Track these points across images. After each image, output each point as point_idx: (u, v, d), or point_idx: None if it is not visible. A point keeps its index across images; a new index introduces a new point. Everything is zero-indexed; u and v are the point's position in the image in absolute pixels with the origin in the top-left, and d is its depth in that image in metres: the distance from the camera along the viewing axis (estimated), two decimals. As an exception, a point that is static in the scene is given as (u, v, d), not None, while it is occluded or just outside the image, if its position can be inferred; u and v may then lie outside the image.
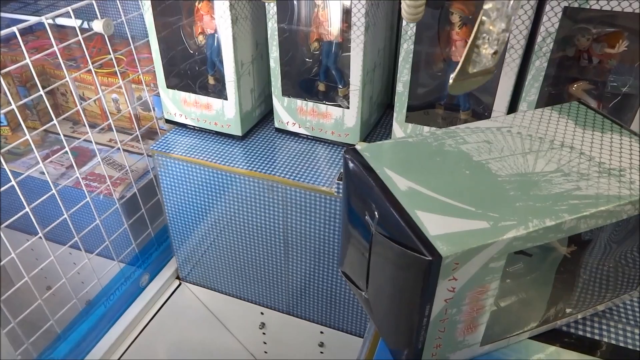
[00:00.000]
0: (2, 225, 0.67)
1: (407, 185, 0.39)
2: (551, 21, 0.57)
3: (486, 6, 0.30)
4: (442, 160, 0.42)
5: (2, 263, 0.68)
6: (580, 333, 0.50)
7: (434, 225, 0.36)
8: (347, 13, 0.67)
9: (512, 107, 0.66)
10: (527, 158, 0.43)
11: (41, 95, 0.69)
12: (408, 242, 0.35)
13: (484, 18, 0.31)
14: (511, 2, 0.29)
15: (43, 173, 0.83)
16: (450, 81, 0.34)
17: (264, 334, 0.94)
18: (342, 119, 0.74)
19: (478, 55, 0.32)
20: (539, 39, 0.59)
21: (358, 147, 0.43)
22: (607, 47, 0.62)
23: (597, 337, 0.49)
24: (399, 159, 0.43)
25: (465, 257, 0.35)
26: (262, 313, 0.91)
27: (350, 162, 0.43)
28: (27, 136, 0.68)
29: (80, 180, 0.77)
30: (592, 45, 0.63)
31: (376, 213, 0.39)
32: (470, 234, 0.35)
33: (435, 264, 0.34)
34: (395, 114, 0.70)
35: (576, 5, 0.55)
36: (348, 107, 0.73)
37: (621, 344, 0.49)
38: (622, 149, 0.45)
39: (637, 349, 0.48)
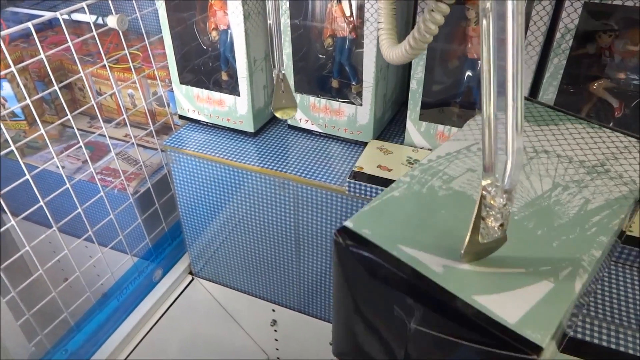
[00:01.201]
0: (19, 218, 0.68)
1: (440, 264, 0.32)
2: (570, 17, 0.55)
3: (484, 182, 0.29)
4: (447, 213, 0.36)
5: (17, 255, 0.69)
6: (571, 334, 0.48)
7: (503, 309, 0.30)
8: (360, 9, 0.66)
9: (530, 106, 0.64)
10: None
11: (59, 89, 0.70)
12: (488, 340, 0.29)
13: (484, 193, 0.30)
14: (506, 175, 0.28)
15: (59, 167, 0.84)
16: (462, 252, 0.32)
17: (275, 331, 0.94)
18: (355, 116, 0.73)
19: (485, 227, 0.31)
20: (557, 35, 0.57)
21: (349, 224, 0.35)
22: (630, 44, 0.60)
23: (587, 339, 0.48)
24: (405, 226, 0.35)
25: (554, 333, 0.29)
26: (273, 310, 0.91)
27: (350, 249, 0.34)
28: (42, 131, 0.68)
29: (95, 174, 0.78)
30: (614, 42, 0.61)
31: (416, 310, 0.32)
32: (544, 304, 0.30)
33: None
34: (409, 112, 0.69)
35: (597, 0, 0.53)
36: (361, 105, 0.72)
37: (610, 345, 0.47)
38: (586, 140, 0.44)
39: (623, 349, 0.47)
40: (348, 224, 0.35)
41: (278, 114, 0.55)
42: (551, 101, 0.61)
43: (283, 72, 0.51)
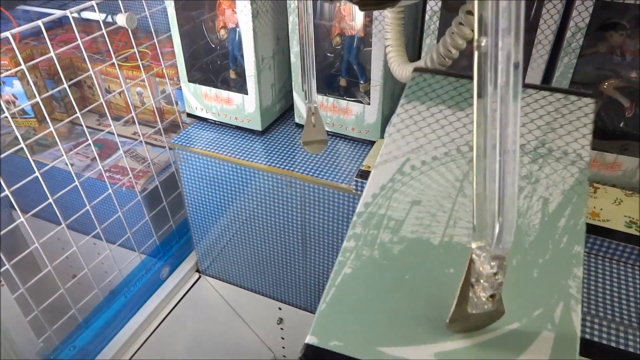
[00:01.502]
0: (28, 215, 0.68)
1: (432, 352, 0.27)
2: (581, 16, 0.55)
3: (474, 245, 0.25)
4: (413, 276, 0.31)
5: (27, 252, 0.70)
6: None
7: None
8: (369, 7, 0.66)
9: (539, 105, 0.64)
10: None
11: (68, 87, 0.70)
12: None
13: (473, 256, 0.25)
14: (494, 241, 0.24)
15: (71, 164, 0.85)
16: (447, 321, 0.27)
17: (281, 329, 0.94)
18: (363, 115, 0.73)
19: (475, 296, 0.26)
20: (568, 34, 0.56)
21: (313, 340, 0.28)
22: (642, 43, 0.59)
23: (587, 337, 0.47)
24: (374, 316, 0.29)
25: None
26: (280, 308, 0.91)
27: None
28: (51, 128, 0.69)
29: (103, 172, 0.78)
30: (625, 41, 0.60)
31: None
32: None
33: None
34: (416, 111, 0.68)
35: (608, -1, 0.53)
36: (369, 103, 0.71)
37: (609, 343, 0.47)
38: (510, 114, 0.38)
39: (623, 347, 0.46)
40: (311, 340, 0.28)
41: (308, 149, 0.54)
42: (561, 101, 0.61)
43: (315, 105, 0.50)
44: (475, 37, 0.21)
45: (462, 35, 0.37)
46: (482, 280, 0.25)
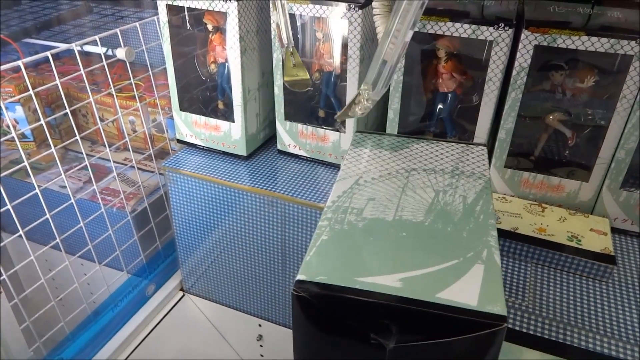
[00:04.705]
0: (18, 233, 0.73)
1: (397, 280, 0.37)
2: (524, 57, 0.64)
3: (364, 86, 0.49)
4: (375, 237, 0.42)
5: (13, 270, 0.74)
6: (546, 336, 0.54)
7: (463, 297, 0.35)
8: (344, 47, 0.74)
9: (494, 134, 0.73)
10: (416, 192, 0.47)
11: (64, 115, 0.77)
12: (462, 328, 0.34)
13: (360, 91, 0.49)
14: (372, 87, 0.48)
15: (62, 187, 0.90)
16: (338, 114, 0.52)
17: (261, 346, 0.98)
18: (339, 142, 0.80)
19: (354, 110, 0.50)
20: (514, 72, 0.65)
21: (303, 277, 0.37)
22: (578, 82, 0.69)
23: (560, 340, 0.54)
24: (349, 261, 0.39)
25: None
26: (260, 325, 0.95)
27: (317, 298, 0.36)
28: (52, 149, 0.75)
29: (97, 192, 0.84)
30: (565, 80, 0.70)
31: (392, 326, 0.36)
32: (487, 282, 0.36)
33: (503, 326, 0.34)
34: (386, 139, 0.77)
35: (545, 43, 0.62)
36: (345, 132, 0.79)
37: (586, 347, 0.53)
38: (435, 153, 0.54)
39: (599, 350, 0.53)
40: (301, 277, 0.37)
41: (294, 87, 0.60)
42: (511, 130, 0.69)
43: (292, 46, 0.57)
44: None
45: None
46: (361, 104, 0.49)
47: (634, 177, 0.69)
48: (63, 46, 0.79)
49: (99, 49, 0.79)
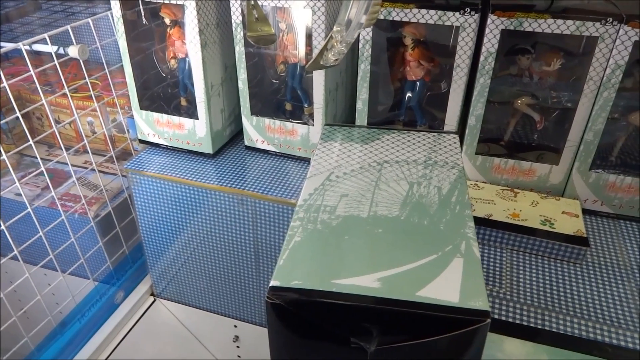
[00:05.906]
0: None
1: (374, 279, 0.35)
2: (491, 42, 0.63)
3: (336, 29, 0.45)
4: (351, 235, 0.40)
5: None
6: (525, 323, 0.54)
7: (444, 294, 0.34)
8: (309, 37, 0.72)
9: (463, 121, 0.72)
10: (390, 187, 0.45)
11: (16, 119, 0.72)
12: (445, 326, 0.33)
13: (332, 35, 0.46)
14: (351, 31, 0.45)
15: (18, 194, 0.85)
16: (308, 64, 0.49)
17: (237, 347, 0.96)
18: (308, 135, 0.78)
19: (326, 56, 0.47)
20: (481, 58, 0.65)
21: (277, 283, 0.35)
22: (545, 65, 0.69)
23: (539, 326, 0.54)
24: (325, 263, 0.37)
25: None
26: (235, 326, 0.93)
27: (292, 304, 0.34)
28: (4, 156, 0.70)
29: (56, 199, 0.79)
30: (532, 64, 0.70)
31: (372, 329, 0.34)
32: (467, 277, 0.35)
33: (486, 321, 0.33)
34: (356, 130, 0.75)
35: (512, 27, 0.62)
36: (313, 125, 0.77)
37: (562, 331, 0.53)
38: (406, 144, 0.52)
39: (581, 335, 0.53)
40: (275, 283, 0.35)
41: (258, 43, 0.56)
42: (480, 116, 0.69)
43: (253, 1, 0.53)
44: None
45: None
46: (335, 48, 0.47)
47: (602, 158, 0.69)
48: (10, 46, 0.74)
49: (50, 48, 0.74)
